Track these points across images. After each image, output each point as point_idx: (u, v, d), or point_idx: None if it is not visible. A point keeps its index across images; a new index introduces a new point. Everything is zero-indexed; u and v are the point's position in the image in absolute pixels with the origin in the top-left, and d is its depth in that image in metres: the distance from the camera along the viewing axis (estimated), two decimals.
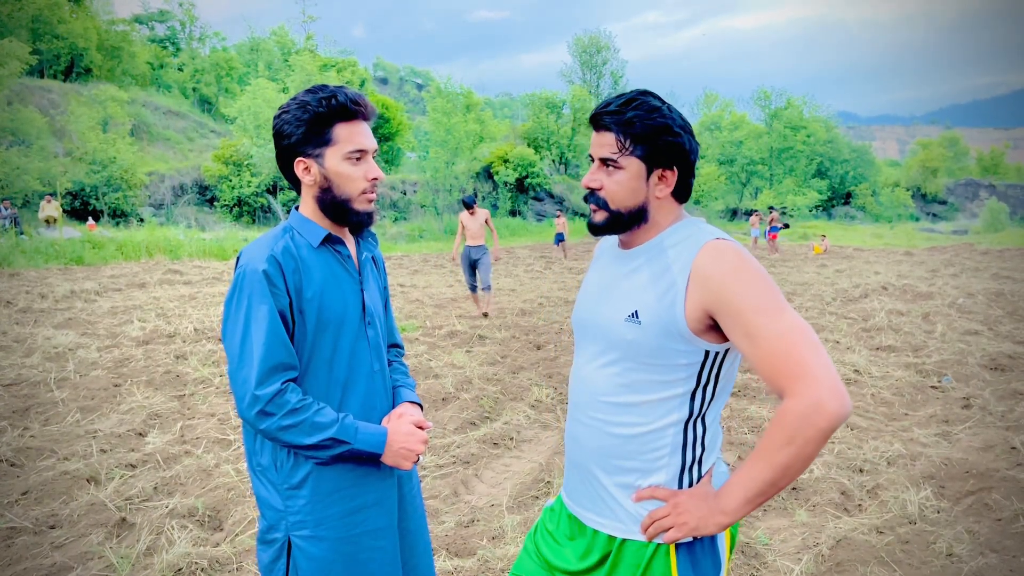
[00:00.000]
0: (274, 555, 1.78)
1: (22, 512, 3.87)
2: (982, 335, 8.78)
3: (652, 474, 1.58)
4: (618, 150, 1.55)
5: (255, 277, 1.69)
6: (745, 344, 1.44)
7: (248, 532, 3.68)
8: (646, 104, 1.55)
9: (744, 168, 53.65)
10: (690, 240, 1.55)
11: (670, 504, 1.54)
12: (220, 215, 33.49)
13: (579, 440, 1.67)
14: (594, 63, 51.34)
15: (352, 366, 1.83)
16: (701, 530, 1.50)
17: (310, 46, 48.13)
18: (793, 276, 16.47)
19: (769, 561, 3.46)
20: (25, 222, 21.45)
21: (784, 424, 1.39)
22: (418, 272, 17.91)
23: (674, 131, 1.55)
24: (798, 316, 1.44)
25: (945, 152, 62.42)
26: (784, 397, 1.41)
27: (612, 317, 1.58)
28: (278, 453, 1.77)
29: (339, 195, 1.80)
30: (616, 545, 1.60)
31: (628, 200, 1.58)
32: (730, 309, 1.44)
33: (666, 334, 1.50)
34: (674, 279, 1.51)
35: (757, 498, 1.45)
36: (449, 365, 7.31)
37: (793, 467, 1.40)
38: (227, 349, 1.72)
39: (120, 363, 7.22)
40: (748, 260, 1.47)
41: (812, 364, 1.38)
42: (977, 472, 4.32)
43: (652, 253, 1.59)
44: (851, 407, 1.39)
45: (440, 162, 36.68)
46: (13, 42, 26.10)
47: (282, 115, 1.79)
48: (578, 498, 1.70)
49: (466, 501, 4.23)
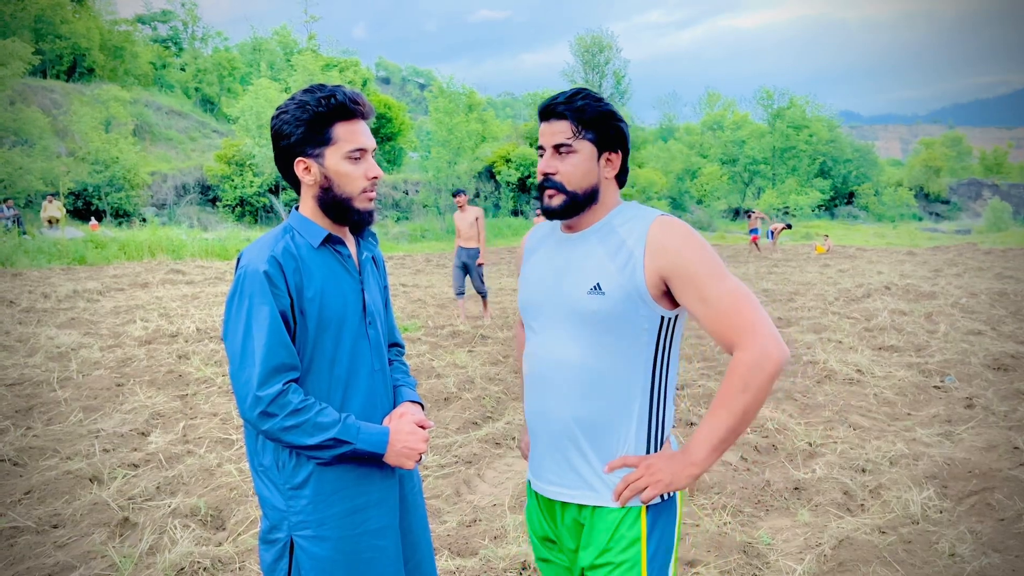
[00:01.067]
0: (276, 555, 1.78)
1: (25, 511, 3.87)
2: (985, 335, 8.76)
3: (623, 441, 1.71)
4: (572, 135, 1.71)
5: (256, 278, 1.69)
6: (697, 305, 1.62)
7: (250, 532, 3.68)
8: (592, 95, 1.73)
9: (746, 168, 53.59)
10: (639, 218, 1.72)
11: (642, 467, 1.67)
12: (222, 215, 33.49)
13: (547, 415, 1.77)
14: (596, 63, 51.27)
15: (353, 366, 1.83)
16: (675, 484, 1.63)
17: (312, 46, 48.13)
18: (796, 276, 16.45)
19: (771, 561, 3.46)
20: (28, 222, 21.47)
21: (739, 374, 1.57)
22: (420, 272, 17.92)
23: (618, 117, 1.74)
24: (738, 280, 1.63)
25: (948, 152, 62.36)
26: (734, 350, 1.59)
27: (573, 293, 1.71)
28: (280, 453, 1.77)
29: (340, 194, 1.80)
30: (588, 514, 1.73)
31: (583, 181, 1.73)
32: (684, 274, 1.61)
33: (629, 299, 1.65)
34: (631, 251, 1.67)
35: (721, 444, 1.60)
36: (451, 365, 7.31)
37: (749, 411, 1.57)
38: (228, 350, 1.72)
39: (123, 363, 7.23)
40: (694, 233, 1.65)
41: (756, 319, 1.57)
42: (980, 472, 4.31)
43: (603, 232, 1.75)
44: (789, 353, 1.60)
45: (442, 162, 36.65)
46: (16, 42, 26.14)
47: (280, 115, 1.78)
48: (546, 475, 1.80)
49: (468, 501, 4.23)
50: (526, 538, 3.62)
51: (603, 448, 1.71)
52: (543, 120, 1.76)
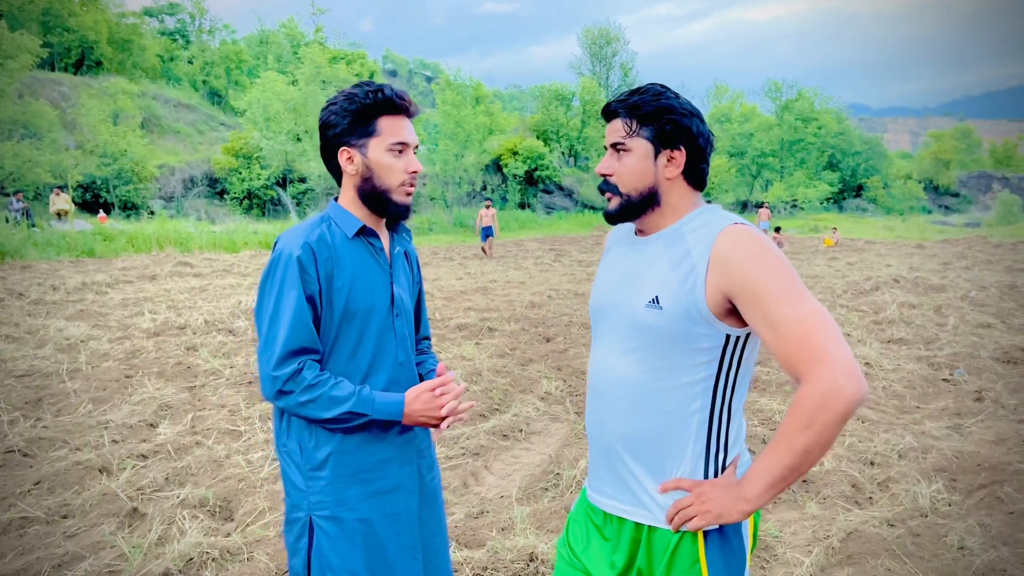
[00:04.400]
0: (297, 533, 1.85)
1: (35, 502, 3.90)
2: (995, 328, 8.72)
3: (677, 461, 1.60)
4: (626, 133, 1.61)
5: (290, 262, 1.76)
6: (764, 329, 1.46)
7: (259, 523, 3.69)
8: (652, 90, 1.62)
9: (755, 160, 53.33)
10: (709, 225, 1.56)
11: (694, 494, 1.56)
12: (230, 208, 33.55)
13: (605, 426, 1.68)
14: (604, 55, 51.17)
15: (377, 356, 1.89)
16: (724, 518, 1.51)
17: (319, 38, 48.14)
18: (804, 269, 16.40)
19: (780, 553, 3.45)
20: (37, 215, 21.54)
21: (802, 409, 1.40)
22: (427, 265, 17.92)
23: (679, 112, 1.59)
24: (816, 302, 1.45)
25: (958, 144, 61.94)
26: (801, 382, 1.42)
27: (633, 303, 1.61)
28: (303, 437, 1.83)
29: (379, 185, 1.86)
30: (645, 533, 1.62)
31: (637, 182, 1.62)
32: (749, 293, 1.46)
33: (687, 318, 1.52)
34: (694, 264, 1.53)
35: (778, 484, 1.46)
36: (459, 357, 7.31)
37: (812, 451, 1.41)
38: (257, 328, 1.80)
39: (131, 355, 7.26)
40: (767, 245, 1.49)
41: (830, 349, 1.39)
42: (989, 465, 4.29)
43: (671, 239, 1.61)
44: (868, 391, 1.40)
45: (450, 155, 36.62)
46: (24, 35, 26.15)
47: (329, 107, 1.86)
48: (603, 488, 1.71)
49: (476, 492, 4.23)
50: (533, 530, 3.63)
51: (655, 467, 1.61)
52: (606, 119, 1.68)
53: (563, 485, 4.24)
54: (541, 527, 3.69)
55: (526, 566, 3.30)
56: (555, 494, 4.16)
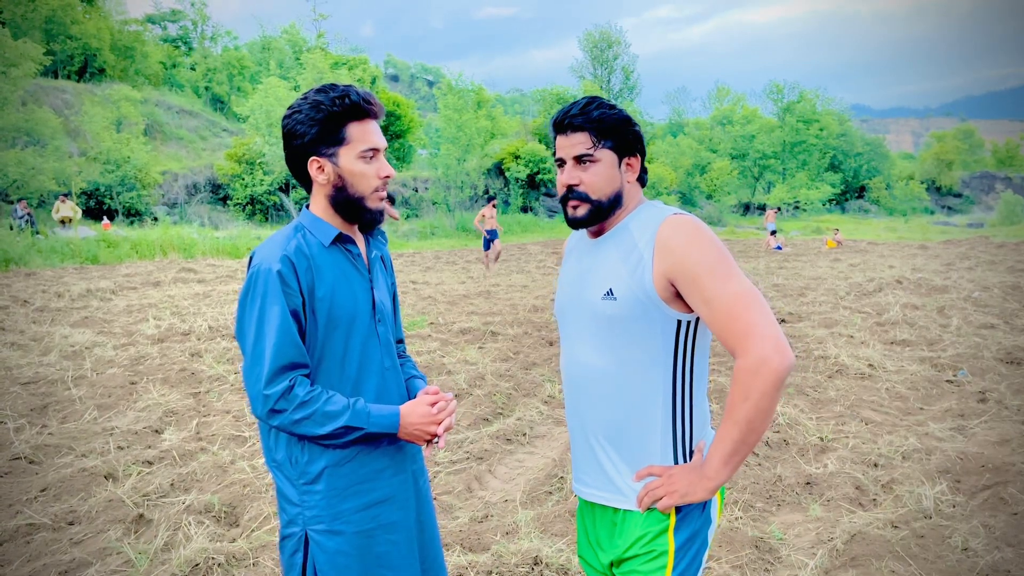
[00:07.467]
0: (292, 548, 1.82)
1: (41, 509, 3.91)
2: (998, 329, 8.71)
3: (648, 447, 1.71)
4: (592, 145, 1.72)
5: (269, 276, 1.71)
6: (701, 306, 1.59)
7: (264, 528, 3.71)
8: (605, 103, 1.74)
9: (756, 162, 53.34)
10: (652, 217, 1.71)
11: (664, 476, 1.69)
12: (233, 213, 33.60)
13: (581, 416, 1.80)
14: (605, 58, 51.13)
15: (363, 364, 1.85)
16: (690, 496, 1.64)
17: (321, 44, 48.19)
18: (806, 270, 16.38)
19: (783, 556, 3.46)
20: (41, 222, 21.59)
21: (739, 382, 1.54)
22: (430, 269, 17.94)
23: (633, 122, 1.75)
24: (747, 280, 1.59)
25: (960, 144, 61.82)
26: (736, 356, 1.55)
27: (591, 298, 1.73)
28: (292, 449, 1.79)
29: (353, 193, 1.82)
30: (620, 517, 1.76)
31: (607, 188, 1.74)
32: (688, 274, 1.59)
33: (639, 305, 1.65)
34: (641, 253, 1.66)
35: (732, 457, 1.59)
36: (462, 361, 7.32)
37: (755, 421, 1.54)
38: (241, 347, 1.75)
39: (136, 361, 7.28)
40: (704, 230, 1.63)
41: (758, 324, 1.53)
42: (993, 466, 4.29)
43: (620, 235, 1.75)
44: (793, 361, 1.54)
45: (452, 159, 36.63)
46: (27, 43, 26.22)
47: (293, 115, 1.80)
48: (583, 477, 1.83)
49: (480, 497, 4.25)
50: (538, 534, 3.64)
51: (630, 454, 1.73)
52: (559, 133, 1.76)
53: (567, 489, 4.25)
54: (545, 531, 3.70)
55: (530, 570, 3.31)
56: (559, 497, 4.17)
